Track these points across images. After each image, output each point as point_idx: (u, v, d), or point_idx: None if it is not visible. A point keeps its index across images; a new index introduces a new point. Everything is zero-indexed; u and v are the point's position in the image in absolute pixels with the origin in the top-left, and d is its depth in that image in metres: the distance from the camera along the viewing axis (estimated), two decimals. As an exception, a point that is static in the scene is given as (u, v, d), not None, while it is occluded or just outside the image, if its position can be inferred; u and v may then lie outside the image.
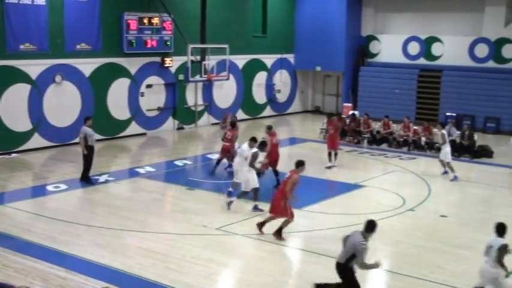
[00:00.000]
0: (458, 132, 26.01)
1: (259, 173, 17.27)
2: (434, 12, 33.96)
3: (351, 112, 30.03)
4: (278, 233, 14.15)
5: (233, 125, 21.32)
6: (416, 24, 34.69)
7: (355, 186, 19.46)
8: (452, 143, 24.50)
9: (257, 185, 16.32)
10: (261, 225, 14.44)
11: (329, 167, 21.83)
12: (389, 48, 35.44)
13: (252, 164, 16.39)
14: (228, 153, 20.50)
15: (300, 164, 14.43)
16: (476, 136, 25.99)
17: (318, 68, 36.13)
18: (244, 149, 16.71)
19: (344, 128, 26.84)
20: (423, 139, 26.01)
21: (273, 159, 19.00)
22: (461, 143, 25.16)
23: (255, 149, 16.54)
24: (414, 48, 34.74)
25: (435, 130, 25.90)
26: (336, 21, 34.92)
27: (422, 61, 34.41)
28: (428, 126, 26.74)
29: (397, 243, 14.36)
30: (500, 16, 32.26)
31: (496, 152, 25.15)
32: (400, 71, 34.54)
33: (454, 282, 11.95)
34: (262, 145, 17.08)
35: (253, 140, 16.76)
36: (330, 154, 22.19)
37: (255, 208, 16.25)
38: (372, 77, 35.20)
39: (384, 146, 26.39)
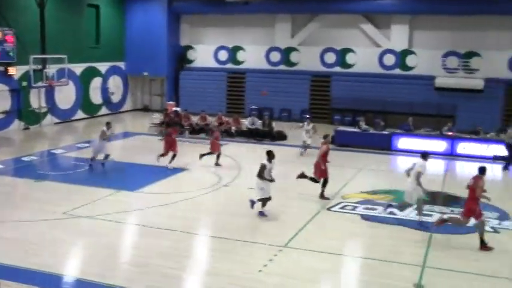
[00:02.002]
0: (260, 121, 27.10)
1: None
2: (238, 27, 34.99)
3: (174, 109, 30.08)
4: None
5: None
6: (224, 36, 35.47)
7: (180, 170, 19.56)
8: (256, 130, 25.54)
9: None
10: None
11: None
12: (203, 55, 35.87)
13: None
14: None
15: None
16: (274, 124, 27.21)
17: (145, 73, 35.69)
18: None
19: (169, 121, 26.84)
20: (233, 128, 26.76)
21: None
22: (263, 130, 26.29)
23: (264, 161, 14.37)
24: (223, 55, 35.50)
25: (243, 120, 26.87)
26: (159, 33, 34.74)
27: (230, 66, 35.33)
28: (237, 117, 27.60)
29: (216, 213, 14.75)
30: (287, 30, 34.02)
31: (289, 135, 26.55)
32: (212, 73, 35.14)
33: (267, 240, 12.46)
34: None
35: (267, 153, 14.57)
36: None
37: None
38: (190, 79, 35.45)
39: (202, 135, 26.71)
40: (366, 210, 14.95)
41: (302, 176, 16.19)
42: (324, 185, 16.00)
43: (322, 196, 15.96)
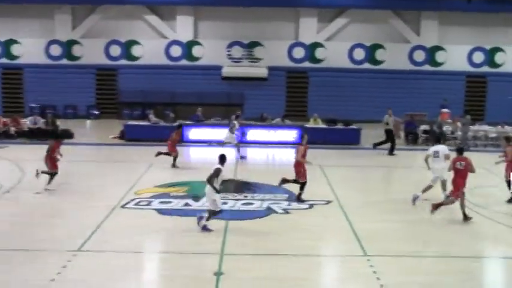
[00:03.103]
0: (43, 120, 25.47)
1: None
2: (11, 17, 32.22)
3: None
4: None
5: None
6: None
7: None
8: (39, 129, 23.98)
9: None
10: None
11: None
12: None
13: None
14: None
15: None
16: (59, 122, 25.77)
17: None
18: None
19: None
20: (12, 129, 24.80)
21: None
22: (46, 129, 24.66)
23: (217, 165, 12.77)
24: (-5, 49, 32.65)
25: (23, 120, 25.05)
26: None
27: (4, 61, 32.50)
28: (16, 117, 25.62)
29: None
30: (68, 22, 32.41)
31: (76, 133, 25.36)
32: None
33: (59, 246, 11.62)
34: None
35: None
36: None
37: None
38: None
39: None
40: (161, 205, 14.84)
41: (284, 181, 15.58)
42: (302, 188, 15.40)
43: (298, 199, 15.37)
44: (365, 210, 14.88)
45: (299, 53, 32.51)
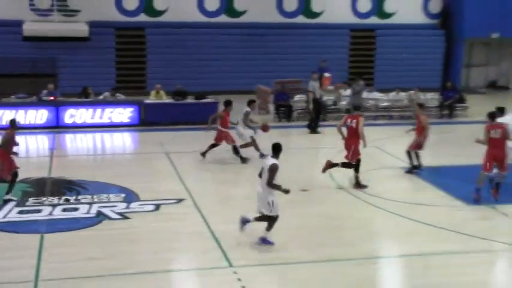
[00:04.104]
0: None
1: None
2: None
3: None
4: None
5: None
6: None
7: None
8: None
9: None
10: None
11: None
12: None
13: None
14: None
15: None
16: None
17: None
18: None
19: None
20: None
21: None
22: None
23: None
24: None
25: None
26: None
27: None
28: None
29: None
30: None
31: None
32: None
33: None
34: None
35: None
36: None
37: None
38: None
39: None
40: None
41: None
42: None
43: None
44: (227, 207, 15.32)
45: (131, 2, 32.26)
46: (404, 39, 34.22)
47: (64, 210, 14.81)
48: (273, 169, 12.23)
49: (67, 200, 15.47)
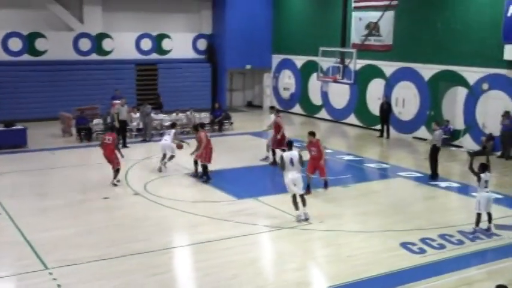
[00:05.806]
0: None
1: None
2: None
3: None
4: None
5: None
6: None
7: None
8: None
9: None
10: None
11: None
12: None
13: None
14: None
15: None
16: None
17: None
18: None
19: None
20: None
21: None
22: None
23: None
24: None
25: None
26: None
27: None
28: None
29: None
30: None
31: None
32: None
33: None
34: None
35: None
36: None
37: None
38: None
39: None
40: None
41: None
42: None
43: None
44: (40, 218, 14.47)
45: None
46: (180, 70, 34.43)
47: None
48: (299, 156, 14.28)
49: None
